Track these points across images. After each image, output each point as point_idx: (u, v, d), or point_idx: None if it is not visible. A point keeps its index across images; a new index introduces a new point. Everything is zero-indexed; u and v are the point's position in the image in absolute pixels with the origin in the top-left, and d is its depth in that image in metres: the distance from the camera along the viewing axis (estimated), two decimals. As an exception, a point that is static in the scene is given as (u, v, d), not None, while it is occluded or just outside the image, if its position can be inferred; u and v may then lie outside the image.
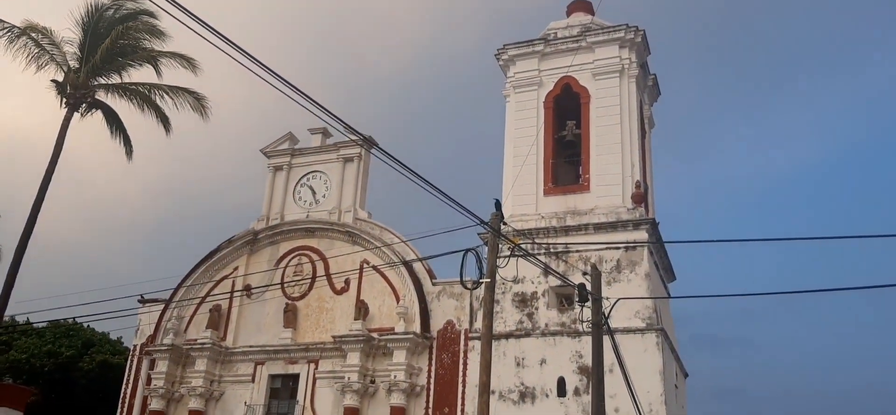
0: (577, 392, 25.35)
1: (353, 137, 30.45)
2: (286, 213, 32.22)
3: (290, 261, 31.36)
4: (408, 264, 28.80)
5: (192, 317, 31.64)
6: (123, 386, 31.87)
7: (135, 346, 32.32)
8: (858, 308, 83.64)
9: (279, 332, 30.03)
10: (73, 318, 39.76)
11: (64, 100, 25.85)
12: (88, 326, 40.76)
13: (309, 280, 30.65)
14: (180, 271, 32.55)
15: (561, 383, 25.68)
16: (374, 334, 28.19)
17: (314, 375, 29.03)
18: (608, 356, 13.81)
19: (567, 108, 30.28)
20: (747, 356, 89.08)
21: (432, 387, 27.39)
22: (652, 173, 32.58)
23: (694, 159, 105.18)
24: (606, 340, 13.67)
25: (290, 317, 30.09)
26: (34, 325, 35.47)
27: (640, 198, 27.51)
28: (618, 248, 26.25)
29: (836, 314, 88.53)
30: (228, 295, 30.90)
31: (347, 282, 29.88)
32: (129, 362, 32.61)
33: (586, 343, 22.58)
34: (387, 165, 11.01)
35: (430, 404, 27.16)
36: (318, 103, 9.46)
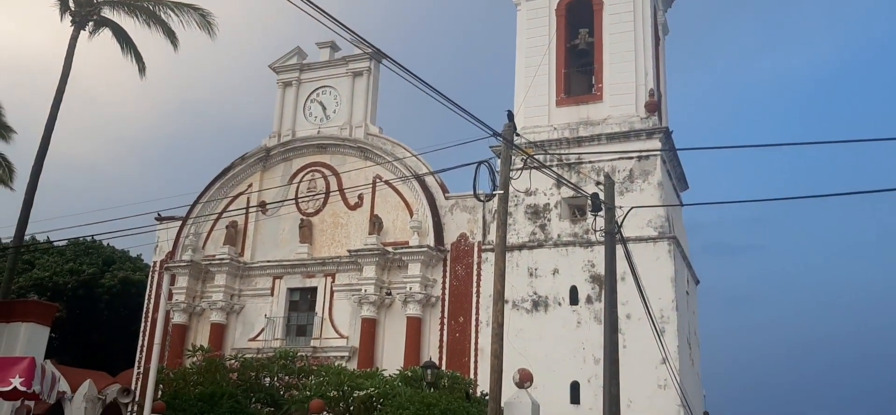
0: (589, 300, 25.74)
1: (363, 49, 30.18)
2: (297, 129, 32.25)
3: (303, 177, 31.56)
4: (420, 179, 28.92)
5: (209, 233, 32.08)
6: (145, 301, 32.65)
7: (154, 262, 32.91)
8: (880, 213, 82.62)
9: (296, 247, 30.45)
10: (92, 236, 40.41)
11: (70, 17, 25.69)
12: (108, 243, 41.45)
13: (322, 196, 30.89)
14: (195, 188, 32.93)
15: (573, 292, 26.05)
16: (389, 248, 28.54)
17: (331, 288, 29.57)
18: (620, 265, 13.97)
19: (580, 15, 29.75)
20: (759, 263, 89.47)
21: (447, 298, 27.87)
22: (666, 81, 32.19)
23: (708, 65, 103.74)
24: (619, 248, 13.81)
25: (306, 232, 30.47)
26: (54, 243, 36.06)
27: (654, 107, 27.29)
28: (631, 157, 26.19)
29: (855, 219, 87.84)
30: (244, 211, 31.21)
31: (361, 197, 30.09)
32: (149, 278, 33.30)
33: (599, 253, 22.81)
34: (396, 76, 10.94)
35: (446, 314, 27.68)
36: (322, 9, 9.33)
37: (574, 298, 26.00)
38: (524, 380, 12.55)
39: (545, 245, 26.79)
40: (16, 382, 7.95)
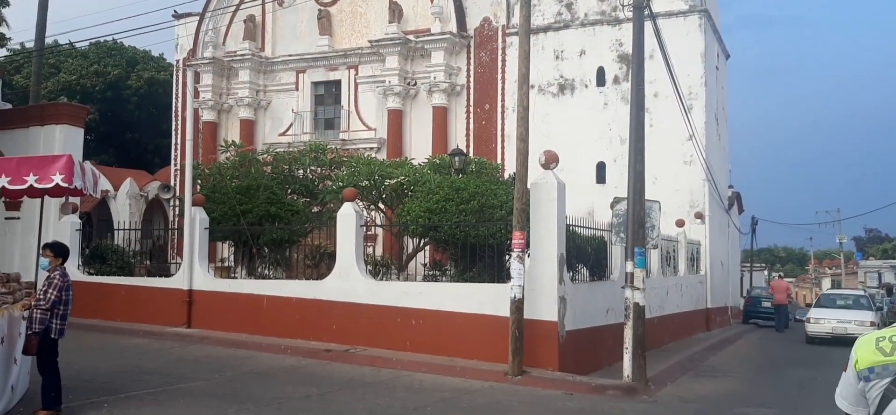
0: (616, 81, 25.47)
1: None
2: (311, -87, 30.81)
3: (319, -35, 30.54)
4: (441, -39, 27.85)
5: (227, 28, 31.68)
6: (173, 100, 32.96)
7: (177, 61, 32.86)
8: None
9: (316, 40, 30.06)
10: (112, 36, 40.19)
11: None
12: (130, 45, 41.27)
13: (340, -16, 30.03)
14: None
15: (600, 73, 25.75)
16: (411, 37, 28.06)
17: (355, 80, 29.47)
18: (649, 42, 13.60)
19: None
20: (797, 35, 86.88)
21: (472, 85, 27.70)
22: None
23: None
24: (647, 25, 13.39)
25: (325, 23, 29.94)
26: (75, 45, 35.97)
27: None
28: (661, -72, 24.82)
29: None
30: (260, 3, 30.58)
31: (380, -17, 29.20)
32: (174, 76, 33.39)
33: (627, 31, 22.24)
34: None
35: (471, 102, 27.64)
36: None
37: (601, 79, 25.74)
38: (550, 161, 12.64)
39: (572, 25, 26.16)
40: (57, 178, 8.17)
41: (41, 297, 8.53)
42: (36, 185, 8.27)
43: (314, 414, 9.18)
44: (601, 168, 25.38)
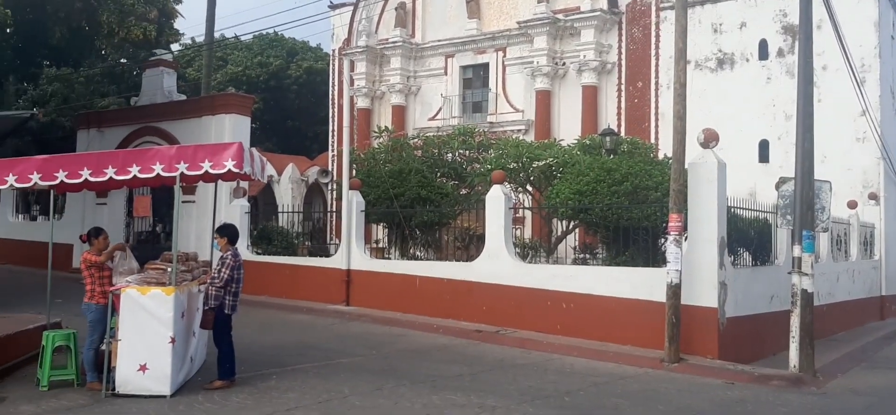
0: (780, 54, 24.01)
1: None
2: None
3: (468, -51, 30.71)
4: (590, -63, 27.22)
5: (380, 16, 32.55)
6: (330, 89, 34.39)
7: (332, 50, 34.19)
8: None
9: (465, 23, 30.31)
10: (274, 28, 42.44)
11: None
12: (290, 36, 43.45)
13: (488, -34, 30.07)
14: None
15: (762, 46, 24.37)
16: (560, 16, 27.67)
17: (503, 62, 29.47)
18: (817, 11, 12.67)
19: None
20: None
21: (623, 63, 26.96)
22: None
23: None
24: (816, -8, 12.48)
25: (474, 7, 30.11)
26: (241, 38, 38.27)
27: None
28: None
29: None
30: (412, -9, 31.19)
31: (528, -36, 28.98)
32: (330, 66, 34.80)
33: (790, 0, 20.89)
34: None
35: (623, 80, 26.92)
36: None
37: (763, 52, 24.35)
38: (709, 140, 12.10)
39: (730, -3, 24.88)
40: (229, 164, 8.73)
41: (216, 275, 9.18)
42: (210, 170, 8.87)
43: (466, 393, 9.32)
44: (764, 146, 24.03)
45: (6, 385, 9.05)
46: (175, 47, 34.25)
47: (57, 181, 8.84)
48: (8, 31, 22.04)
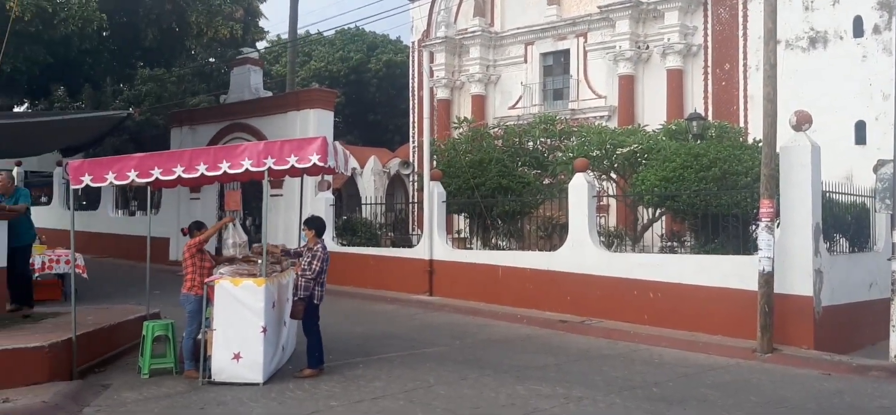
0: (876, 30, 22.88)
1: None
2: None
3: (546, -66, 30.36)
4: (673, -84, 26.50)
5: (458, 6, 32.59)
6: (410, 81, 34.66)
7: (412, 42, 34.45)
8: None
9: (544, 9, 30.03)
10: (354, 23, 43.06)
11: None
12: (370, 30, 44.01)
13: (568, -48, 29.69)
14: (442, -36, 33.13)
15: (857, 23, 23.26)
16: (642, -2, 27.08)
17: (584, 48, 29.08)
18: (920, -18, 12.02)
19: None
20: None
21: (710, 45, 26.20)
22: None
23: None
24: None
25: (553, -7, 29.83)
26: (323, 33, 39.01)
27: None
28: None
29: None
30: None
31: (607, -54, 28.47)
32: (409, 58, 35.07)
33: (890, -28, 19.92)
34: None
35: (709, 63, 26.16)
36: None
37: (858, 29, 23.24)
38: (802, 122, 11.61)
39: (822, -27, 23.83)
40: (314, 158, 8.92)
41: (306, 267, 9.40)
42: (296, 165, 9.07)
43: (551, 383, 9.26)
44: (860, 128, 22.96)
45: (110, 373, 9.51)
46: (261, 45, 35.19)
47: (152, 178, 9.19)
48: (104, 34, 23.03)
